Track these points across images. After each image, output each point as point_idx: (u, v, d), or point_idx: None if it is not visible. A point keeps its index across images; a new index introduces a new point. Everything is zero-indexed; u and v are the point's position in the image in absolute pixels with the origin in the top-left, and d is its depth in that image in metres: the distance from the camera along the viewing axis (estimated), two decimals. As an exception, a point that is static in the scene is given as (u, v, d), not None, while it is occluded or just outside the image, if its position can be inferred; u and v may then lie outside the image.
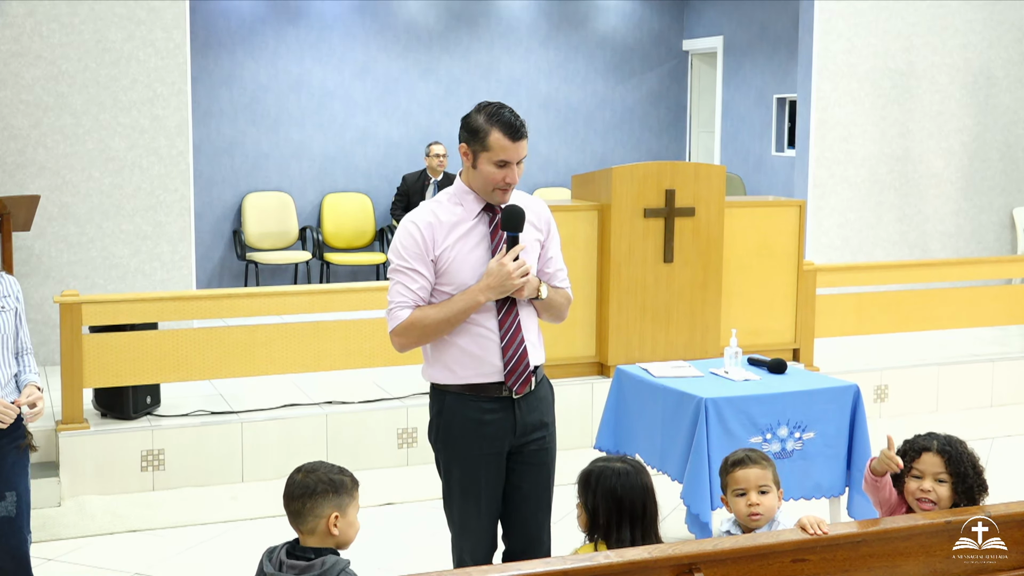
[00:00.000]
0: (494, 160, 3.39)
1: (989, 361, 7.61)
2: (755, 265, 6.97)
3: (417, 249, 3.43)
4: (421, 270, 3.43)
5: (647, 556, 2.89)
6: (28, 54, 7.03)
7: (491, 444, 3.51)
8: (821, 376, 5.48)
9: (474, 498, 3.55)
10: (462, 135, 3.46)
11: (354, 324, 6.31)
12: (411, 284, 3.43)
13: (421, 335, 3.45)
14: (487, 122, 3.39)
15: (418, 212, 3.50)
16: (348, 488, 3.06)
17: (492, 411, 3.50)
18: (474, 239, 3.47)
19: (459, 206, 3.49)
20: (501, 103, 3.45)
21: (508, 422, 3.52)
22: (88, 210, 7.24)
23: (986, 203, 9.52)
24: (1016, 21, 9.45)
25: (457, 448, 3.53)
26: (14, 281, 3.84)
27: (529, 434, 3.59)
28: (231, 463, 5.97)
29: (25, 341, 3.89)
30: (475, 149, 3.42)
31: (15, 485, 3.74)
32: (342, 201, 10.43)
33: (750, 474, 3.47)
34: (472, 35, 10.94)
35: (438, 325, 3.42)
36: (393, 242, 3.50)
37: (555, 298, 3.58)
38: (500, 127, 3.37)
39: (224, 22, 10.03)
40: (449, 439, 3.54)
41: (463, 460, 3.53)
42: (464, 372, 3.48)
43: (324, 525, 3.00)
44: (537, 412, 3.60)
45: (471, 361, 3.47)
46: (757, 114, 11.15)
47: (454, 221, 3.47)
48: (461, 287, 3.43)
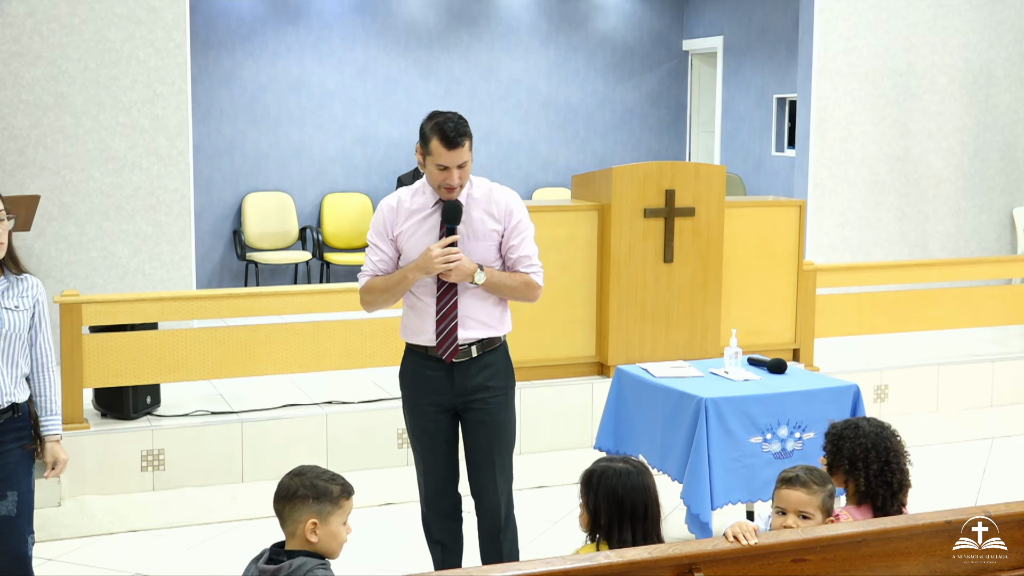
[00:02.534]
0: (435, 163, 3.90)
1: (989, 361, 7.61)
2: (755, 265, 6.97)
3: (380, 228, 4.03)
4: (381, 246, 4.03)
5: (647, 556, 2.89)
6: (28, 54, 7.03)
7: (430, 396, 4.09)
8: (821, 376, 5.48)
9: (419, 441, 4.16)
10: (418, 139, 3.96)
11: (354, 324, 6.31)
12: (373, 256, 4.05)
13: (374, 300, 4.09)
14: (431, 130, 3.88)
15: (392, 198, 4.06)
16: (333, 496, 3.00)
17: (432, 369, 4.07)
18: (428, 225, 4.00)
19: (422, 195, 4.02)
20: (451, 113, 3.91)
21: (446, 381, 4.07)
22: (88, 210, 7.24)
23: (986, 203, 9.52)
24: (1016, 21, 9.45)
25: (408, 395, 4.17)
26: (37, 283, 3.82)
27: (470, 395, 4.08)
28: (231, 463, 5.97)
29: (46, 349, 3.85)
30: (424, 152, 3.93)
31: (17, 484, 3.73)
32: (342, 201, 10.43)
33: (792, 496, 3.36)
34: (472, 35, 10.94)
35: (382, 293, 4.05)
36: (372, 220, 4.08)
37: (503, 282, 4.05)
38: (439, 136, 3.86)
39: (224, 22, 10.03)
40: (403, 386, 4.18)
41: (412, 407, 4.15)
42: (412, 334, 4.10)
43: (301, 530, 2.97)
44: (479, 377, 4.08)
45: (415, 327, 4.08)
46: (757, 114, 11.15)
47: (414, 208, 4.01)
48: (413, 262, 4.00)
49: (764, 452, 4.82)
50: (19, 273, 3.80)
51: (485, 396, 4.09)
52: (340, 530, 3.02)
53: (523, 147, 11.19)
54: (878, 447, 3.57)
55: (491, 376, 4.10)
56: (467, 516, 4.34)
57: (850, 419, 3.75)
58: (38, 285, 3.83)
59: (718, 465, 4.72)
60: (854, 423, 3.68)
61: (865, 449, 3.57)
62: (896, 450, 3.59)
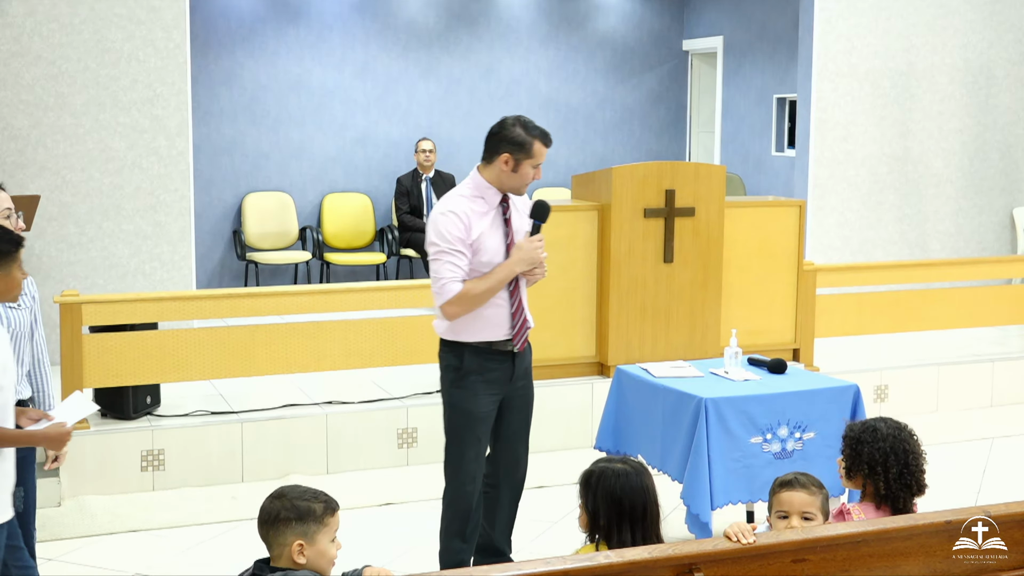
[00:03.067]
0: (533, 164, 4.25)
1: (989, 361, 7.61)
2: (755, 265, 6.97)
3: (460, 234, 4.17)
4: (464, 251, 4.18)
5: (647, 556, 2.89)
6: (28, 54, 7.03)
7: (493, 388, 4.34)
8: (821, 376, 5.48)
9: (475, 430, 4.35)
10: (502, 146, 4.23)
11: (354, 324, 6.31)
12: (458, 262, 4.18)
13: (471, 303, 4.20)
14: (530, 134, 4.25)
15: (454, 204, 4.22)
16: (317, 515, 2.94)
17: (498, 361, 4.32)
18: (495, 225, 4.26)
19: (481, 199, 4.26)
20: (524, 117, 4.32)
21: (508, 372, 4.36)
22: (88, 210, 7.24)
23: (986, 203, 9.52)
24: (1016, 21, 9.45)
25: (471, 388, 4.31)
26: (32, 282, 3.87)
27: (520, 380, 4.43)
28: (231, 463, 5.97)
29: (42, 346, 3.89)
30: (519, 157, 4.23)
31: (23, 481, 3.76)
32: (342, 201, 10.43)
33: (795, 498, 3.36)
34: (472, 35, 10.94)
35: (484, 294, 4.20)
36: (435, 229, 4.19)
37: None
38: (540, 138, 4.27)
39: (224, 22, 10.02)
40: (466, 381, 4.31)
41: (474, 399, 4.32)
42: (478, 332, 4.26)
43: (288, 553, 2.92)
44: (525, 364, 4.45)
45: (485, 324, 4.26)
46: (757, 114, 11.15)
47: (481, 211, 4.24)
48: (490, 264, 4.22)
49: (764, 452, 4.82)
50: None
51: (528, 380, 4.49)
52: (328, 548, 2.96)
53: (523, 147, 11.18)
54: (897, 450, 3.53)
55: (529, 363, 4.51)
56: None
57: (868, 421, 3.69)
58: (33, 284, 3.87)
59: (718, 465, 4.72)
60: (872, 425, 3.63)
61: (884, 453, 3.53)
62: (915, 452, 3.56)
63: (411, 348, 6.37)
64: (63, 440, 3.59)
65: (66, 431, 3.59)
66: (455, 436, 4.41)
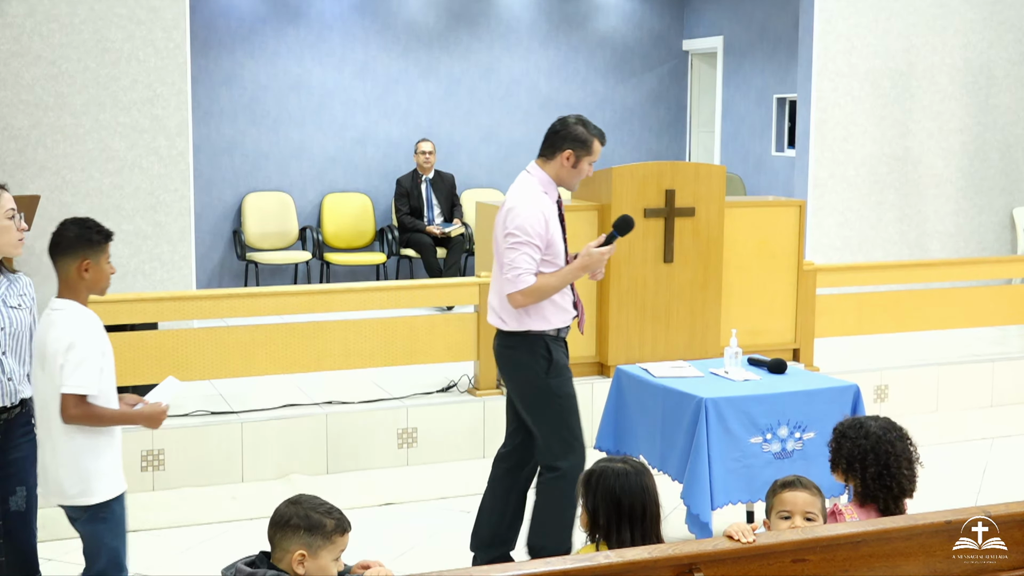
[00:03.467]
0: (591, 161, 4.59)
1: (989, 361, 7.61)
2: (755, 265, 6.98)
3: (541, 230, 4.47)
4: (540, 246, 4.48)
5: (647, 556, 2.89)
6: (28, 54, 7.03)
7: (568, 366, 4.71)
8: (821, 376, 5.48)
9: (575, 412, 4.66)
10: (565, 143, 4.53)
11: (354, 324, 6.31)
12: (535, 255, 4.47)
13: (539, 297, 4.50)
14: (591, 134, 4.56)
15: (539, 201, 4.52)
16: (326, 531, 2.92)
17: (563, 344, 4.69)
18: (555, 219, 4.57)
19: (546, 195, 4.58)
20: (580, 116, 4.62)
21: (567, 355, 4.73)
22: (88, 210, 7.23)
23: (986, 203, 9.52)
24: (1016, 21, 9.45)
25: (563, 375, 4.63)
26: (30, 283, 3.88)
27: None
28: (231, 463, 5.97)
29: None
30: (580, 154, 4.55)
31: (25, 479, 3.77)
32: (342, 201, 10.43)
33: (798, 498, 3.36)
34: (472, 35, 10.94)
35: (551, 291, 4.52)
36: (518, 222, 4.46)
37: None
38: (599, 137, 4.59)
39: (224, 22, 10.02)
40: (558, 368, 4.61)
41: (566, 376, 4.64)
42: (556, 320, 4.59)
43: (288, 560, 2.91)
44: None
45: (557, 312, 4.60)
46: (757, 114, 11.15)
47: (549, 206, 4.56)
48: (559, 255, 4.56)
49: (764, 452, 4.82)
50: (13, 272, 3.85)
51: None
52: (329, 566, 2.93)
53: (523, 147, 11.18)
54: (878, 450, 3.51)
55: None
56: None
57: (861, 417, 3.69)
58: (29, 283, 3.88)
59: (718, 465, 4.72)
60: (860, 422, 3.63)
61: (864, 451, 3.53)
62: (899, 454, 3.52)
63: (411, 348, 6.38)
64: (159, 419, 3.89)
65: (162, 410, 3.88)
66: (563, 422, 4.62)
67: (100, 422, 3.72)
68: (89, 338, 3.70)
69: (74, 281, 3.73)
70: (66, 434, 3.69)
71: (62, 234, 3.77)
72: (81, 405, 3.66)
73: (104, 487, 3.75)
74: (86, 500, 3.71)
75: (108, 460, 3.77)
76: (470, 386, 6.63)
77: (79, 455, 3.69)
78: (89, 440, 3.71)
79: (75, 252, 3.73)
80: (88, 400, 3.67)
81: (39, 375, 3.75)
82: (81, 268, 3.72)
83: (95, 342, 3.72)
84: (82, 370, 3.65)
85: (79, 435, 3.69)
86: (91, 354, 3.68)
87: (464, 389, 6.62)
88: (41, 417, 3.76)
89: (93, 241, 3.75)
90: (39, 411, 3.77)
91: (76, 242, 3.74)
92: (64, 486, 3.72)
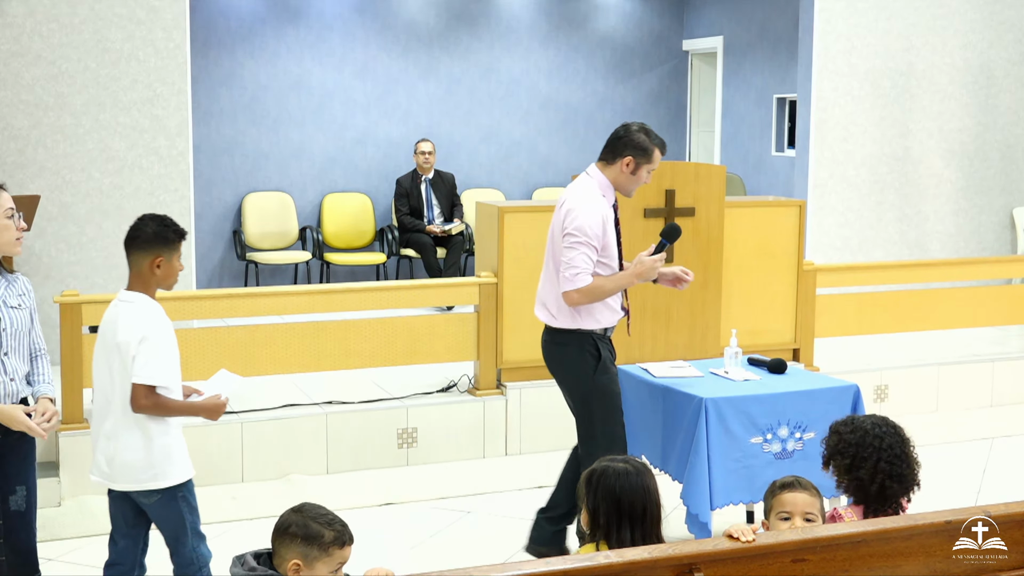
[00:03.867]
0: (650, 169, 4.74)
1: (989, 361, 7.61)
2: (755, 265, 6.97)
3: (599, 232, 4.61)
4: (598, 247, 4.62)
5: (647, 556, 2.89)
6: (28, 54, 7.03)
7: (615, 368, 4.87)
8: (821, 376, 5.48)
9: (618, 409, 4.81)
10: (627, 150, 4.69)
11: (354, 324, 6.31)
12: (592, 255, 4.61)
13: (593, 297, 4.63)
14: (651, 142, 4.72)
15: (599, 204, 4.65)
16: (324, 542, 2.87)
17: (609, 343, 4.83)
18: (611, 223, 4.70)
19: (604, 198, 4.71)
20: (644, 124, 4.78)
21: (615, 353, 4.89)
22: (88, 210, 7.24)
23: (986, 203, 9.51)
24: (1016, 21, 9.45)
25: (610, 371, 4.78)
26: (28, 282, 3.91)
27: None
28: (231, 463, 5.97)
29: (38, 341, 3.91)
30: (640, 161, 4.71)
31: (25, 479, 3.79)
32: (342, 201, 10.43)
33: (798, 499, 3.35)
34: (472, 35, 10.94)
35: (607, 293, 4.66)
36: (578, 223, 4.58)
37: None
38: (660, 146, 4.75)
39: (224, 22, 10.02)
40: (605, 366, 4.76)
41: (611, 375, 4.79)
42: (606, 320, 4.75)
43: (284, 569, 2.89)
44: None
45: (606, 313, 4.74)
46: (757, 114, 11.15)
47: (607, 210, 4.68)
48: (613, 257, 4.70)
49: (764, 452, 4.82)
50: (11, 272, 3.87)
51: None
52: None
53: (523, 147, 11.19)
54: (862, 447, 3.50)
55: None
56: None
57: (861, 416, 3.66)
58: (27, 283, 3.90)
59: (718, 465, 4.71)
60: (855, 419, 3.62)
61: (847, 444, 3.53)
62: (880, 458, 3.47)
63: (411, 348, 6.38)
64: (220, 411, 4.00)
65: (222, 403, 3.99)
66: (607, 418, 4.77)
67: (167, 412, 3.88)
68: (160, 331, 3.88)
69: (146, 275, 3.90)
70: (136, 423, 3.85)
71: (140, 229, 3.91)
72: (151, 396, 3.81)
73: (176, 471, 3.92)
74: (159, 484, 3.88)
75: (177, 446, 3.95)
76: (470, 386, 6.63)
77: (150, 442, 3.86)
78: (159, 427, 3.88)
79: (150, 248, 3.88)
80: (157, 391, 3.83)
81: (103, 365, 3.89)
82: (154, 264, 3.89)
83: (165, 335, 3.90)
84: (154, 362, 3.81)
85: (150, 423, 3.86)
86: (162, 347, 3.87)
87: (464, 389, 6.62)
88: (102, 406, 3.89)
89: (169, 240, 3.92)
90: (100, 401, 3.90)
91: (153, 239, 3.89)
92: (135, 471, 3.87)
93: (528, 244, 6.36)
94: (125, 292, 3.93)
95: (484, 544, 5.27)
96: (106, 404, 3.91)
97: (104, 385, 3.91)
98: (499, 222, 6.44)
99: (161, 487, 3.89)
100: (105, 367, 3.90)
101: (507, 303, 6.47)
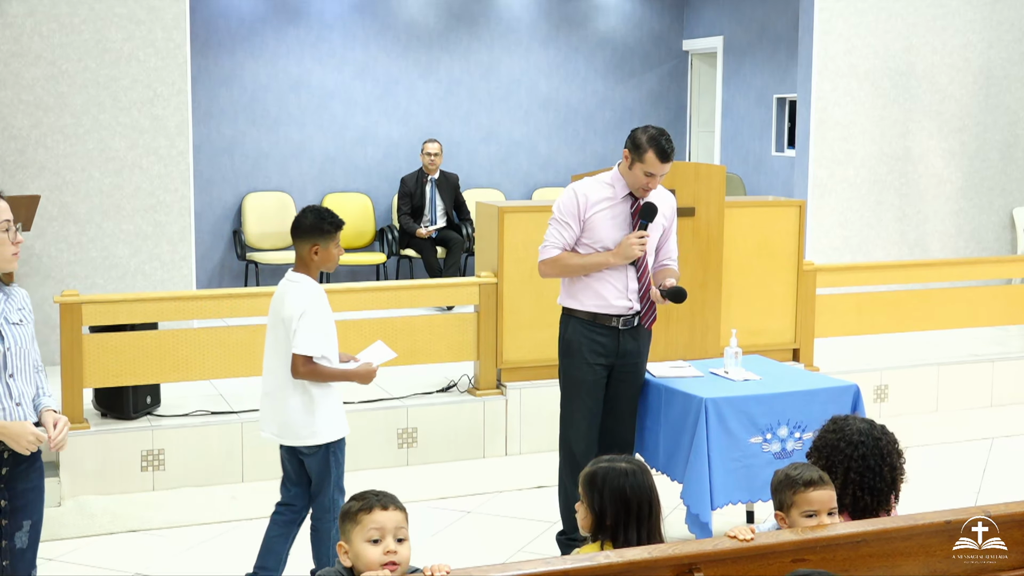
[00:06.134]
0: (645, 171, 4.64)
1: (989, 361, 7.61)
2: (755, 265, 6.97)
3: (574, 209, 4.72)
4: (572, 225, 4.72)
5: (647, 556, 2.89)
6: (28, 54, 7.03)
7: (596, 358, 4.80)
8: (821, 376, 5.48)
9: (579, 397, 4.83)
10: (628, 143, 4.68)
11: (354, 324, 6.30)
12: (563, 232, 4.74)
13: (559, 271, 4.77)
14: (648, 142, 4.62)
15: (582, 185, 4.77)
16: (351, 513, 2.95)
17: (602, 335, 4.79)
18: (616, 213, 4.73)
19: (611, 187, 4.76)
20: (663, 130, 4.65)
21: (613, 345, 4.81)
22: (88, 210, 7.24)
23: (986, 203, 9.52)
24: (1016, 21, 9.45)
25: (574, 357, 4.81)
26: (26, 295, 3.74)
27: (625, 357, 4.85)
28: (231, 463, 5.97)
29: (36, 358, 3.78)
30: (633, 157, 4.66)
31: (31, 513, 3.61)
32: (342, 201, 10.42)
33: (824, 496, 3.22)
34: (472, 35, 10.94)
35: (575, 269, 4.74)
36: (559, 200, 4.77)
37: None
38: (655, 149, 4.61)
39: (224, 22, 10.02)
40: (569, 349, 4.83)
41: (578, 366, 4.80)
42: (590, 304, 4.78)
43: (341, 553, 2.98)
44: (635, 342, 4.87)
45: (595, 297, 4.76)
46: (757, 114, 11.15)
47: (603, 197, 4.73)
48: (600, 241, 4.72)
49: (764, 452, 4.82)
50: (8, 284, 3.69)
51: (637, 360, 4.91)
52: (364, 549, 2.91)
53: (523, 147, 11.19)
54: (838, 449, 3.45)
55: (643, 343, 4.92)
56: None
57: (854, 417, 3.59)
58: (26, 295, 3.73)
59: (718, 465, 4.72)
60: (846, 420, 3.56)
61: (824, 443, 3.51)
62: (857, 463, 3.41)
63: (411, 348, 6.37)
64: (371, 377, 4.47)
65: (373, 370, 4.47)
66: (565, 401, 4.92)
67: (323, 378, 4.35)
68: (319, 308, 4.34)
69: (307, 260, 4.37)
70: (296, 387, 4.35)
71: (301, 220, 4.37)
72: (308, 364, 4.30)
73: (330, 430, 4.40)
74: (315, 440, 4.37)
75: (333, 408, 4.42)
76: (470, 386, 6.63)
77: (309, 404, 4.35)
78: (320, 391, 4.36)
79: (308, 237, 4.34)
80: (315, 360, 4.31)
81: (272, 337, 4.43)
82: (312, 250, 4.35)
83: (323, 312, 4.37)
84: (311, 335, 4.29)
85: (312, 387, 4.35)
86: (319, 322, 4.33)
87: (464, 389, 6.62)
88: (271, 372, 4.43)
89: (324, 230, 4.34)
90: (271, 367, 4.43)
91: (310, 229, 4.34)
92: (296, 429, 4.38)
93: (528, 244, 6.35)
94: (292, 273, 4.42)
95: (484, 544, 5.27)
96: (273, 370, 4.41)
97: (271, 354, 4.43)
98: (499, 222, 6.44)
99: (318, 443, 4.38)
100: (272, 338, 4.43)
101: (507, 303, 6.47)
